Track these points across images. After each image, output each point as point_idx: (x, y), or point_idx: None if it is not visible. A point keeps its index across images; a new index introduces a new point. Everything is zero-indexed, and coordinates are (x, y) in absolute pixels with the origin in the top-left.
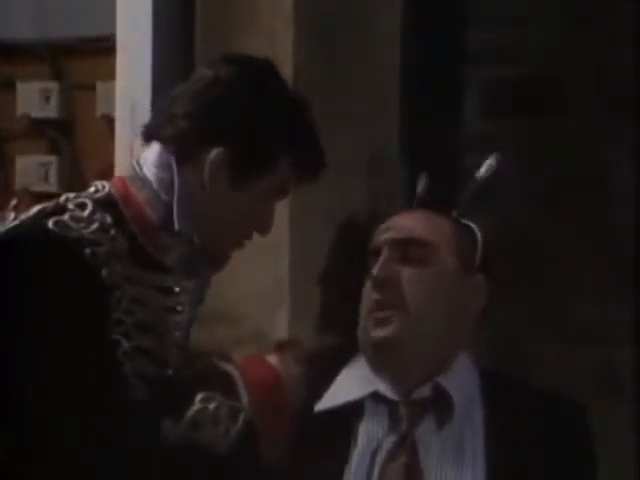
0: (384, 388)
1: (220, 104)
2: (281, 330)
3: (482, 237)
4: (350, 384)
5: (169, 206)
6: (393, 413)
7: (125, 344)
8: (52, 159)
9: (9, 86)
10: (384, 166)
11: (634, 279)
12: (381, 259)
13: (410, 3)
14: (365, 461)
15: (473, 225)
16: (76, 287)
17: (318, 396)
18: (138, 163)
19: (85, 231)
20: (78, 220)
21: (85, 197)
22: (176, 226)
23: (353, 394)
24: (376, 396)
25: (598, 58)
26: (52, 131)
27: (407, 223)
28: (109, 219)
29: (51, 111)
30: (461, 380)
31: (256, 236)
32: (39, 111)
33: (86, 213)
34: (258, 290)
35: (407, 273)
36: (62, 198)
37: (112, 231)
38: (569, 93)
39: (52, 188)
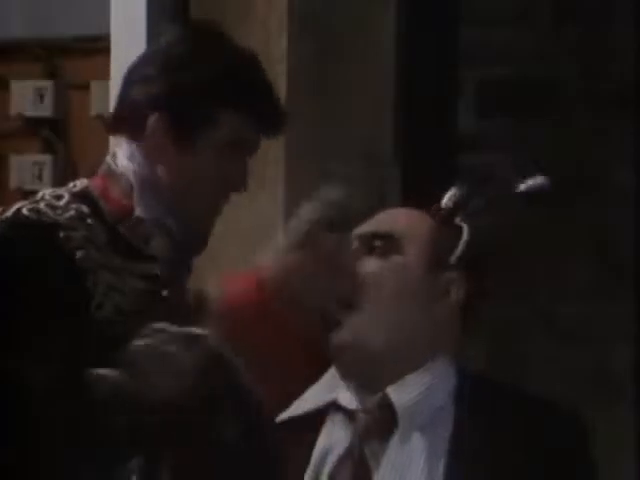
0: (344, 396)
1: (154, 69)
2: None
3: (469, 237)
4: (317, 391)
5: None
6: (348, 423)
7: (108, 331)
8: (46, 158)
9: (3, 85)
10: (380, 165)
11: (634, 279)
12: (347, 252)
13: (406, 3)
14: (315, 472)
15: (464, 226)
16: (52, 269)
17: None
18: (112, 157)
19: (60, 217)
20: (54, 208)
21: (62, 190)
22: (136, 212)
23: (314, 403)
24: (336, 404)
25: (598, 58)
26: (46, 130)
27: (380, 217)
28: (85, 209)
29: (45, 110)
30: (419, 391)
31: (252, 235)
32: (33, 110)
33: (62, 202)
34: None
35: (369, 266)
36: (40, 193)
37: (89, 220)
38: (568, 93)
39: (46, 187)
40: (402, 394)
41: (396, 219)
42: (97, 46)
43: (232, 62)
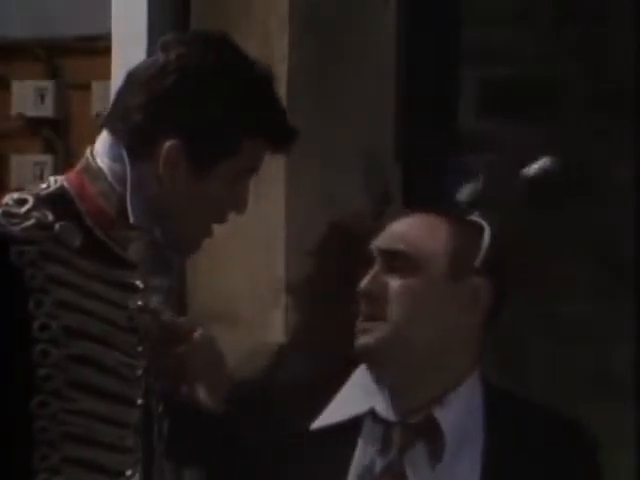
0: (381, 405)
1: (171, 93)
2: (277, 330)
3: (491, 236)
4: (352, 397)
5: (125, 198)
6: (387, 435)
7: (54, 352)
8: (47, 158)
9: (4, 85)
10: (381, 166)
11: (634, 279)
12: (371, 272)
13: (406, 3)
14: None
15: (483, 223)
16: None
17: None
18: (92, 154)
19: (16, 227)
20: (11, 216)
21: (29, 193)
22: (130, 219)
23: (351, 410)
24: (373, 414)
25: (597, 58)
26: (47, 130)
27: (399, 231)
28: (51, 216)
29: (46, 110)
30: (461, 410)
31: (252, 235)
32: (34, 110)
33: (23, 209)
34: (254, 290)
35: (394, 285)
36: (7, 196)
37: (56, 227)
38: (568, 93)
39: None
40: (448, 413)
41: (411, 234)
42: (98, 46)
43: (253, 86)
